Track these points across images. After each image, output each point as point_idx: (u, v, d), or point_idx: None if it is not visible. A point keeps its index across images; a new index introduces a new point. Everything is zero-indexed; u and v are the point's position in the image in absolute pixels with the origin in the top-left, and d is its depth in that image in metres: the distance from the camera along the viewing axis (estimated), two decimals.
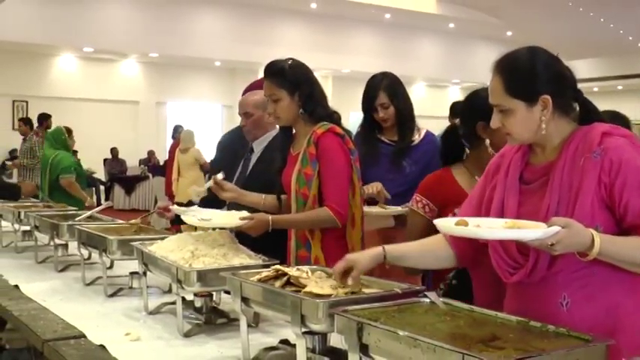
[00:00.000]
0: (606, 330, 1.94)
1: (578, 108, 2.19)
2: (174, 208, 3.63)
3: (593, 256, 1.91)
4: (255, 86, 3.98)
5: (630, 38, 19.70)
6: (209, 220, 3.08)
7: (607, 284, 2.05)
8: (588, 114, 2.18)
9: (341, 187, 3.10)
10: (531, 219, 2.00)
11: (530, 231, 1.89)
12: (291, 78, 3.16)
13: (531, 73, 2.11)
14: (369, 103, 3.86)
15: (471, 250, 2.27)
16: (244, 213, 3.12)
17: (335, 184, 3.09)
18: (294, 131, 3.34)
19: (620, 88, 23.48)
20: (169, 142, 13.83)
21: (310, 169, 3.12)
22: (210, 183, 3.32)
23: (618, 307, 2.04)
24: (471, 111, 2.88)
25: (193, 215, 3.17)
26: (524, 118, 2.11)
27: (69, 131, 8.08)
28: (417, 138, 3.86)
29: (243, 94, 4.03)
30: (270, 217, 3.07)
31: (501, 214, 2.17)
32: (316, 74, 3.37)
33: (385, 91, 3.81)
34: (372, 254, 2.24)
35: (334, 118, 3.21)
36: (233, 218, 3.08)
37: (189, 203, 4.06)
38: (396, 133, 3.89)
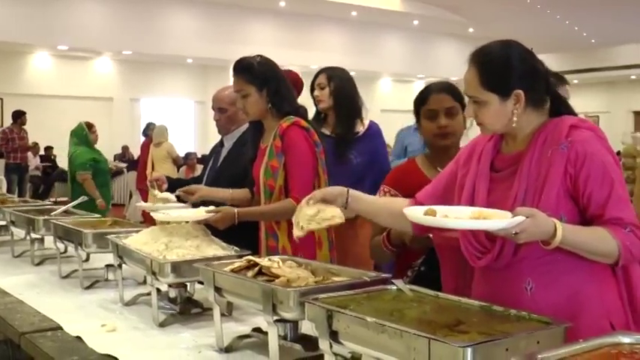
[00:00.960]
0: (568, 314, 2.00)
1: (549, 100, 2.25)
2: (140, 204, 3.69)
3: (555, 245, 1.97)
4: None
5: (585, 35, 20.21)
6: (178, 214, 3.13)
7: (569, 271, 2.12)
8: (559, 106, 2.25)
9: (305, 179, 3.17)
10: (500, 206, 2.06)
11: (496, 221, 1.95)
12: (259, 74, 3.23)
13: (506, 68, 2.16)
14: (311, 87, 3.95)
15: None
16: (211, 207, 3.19)
17: (300, 176, 3.16)
18: (264, 126, 3.39)
19: (575, 82, 23.89)
20: (142, 138, 13.82)
21: (276, 161, 3.19)
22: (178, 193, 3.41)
23: (579, 293, 2.12)
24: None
25: (162, 212, 3.23)
26: (497, 111, 2.17)
27: (90, 126, 8.04)
28: (361, 129, 3.88)
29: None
30: (235, 210, 3.13)
31: (472, 200, 2.24)
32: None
33: (325, 73, 3.92)
34: (337, 189, 2.37)
35: (300, 112, 3.27)
36: (201, 211, 3.14)
37: None
38: (337, 125, 3.94)
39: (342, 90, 3.86)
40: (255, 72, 3.23)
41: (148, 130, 13.42)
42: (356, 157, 3.78)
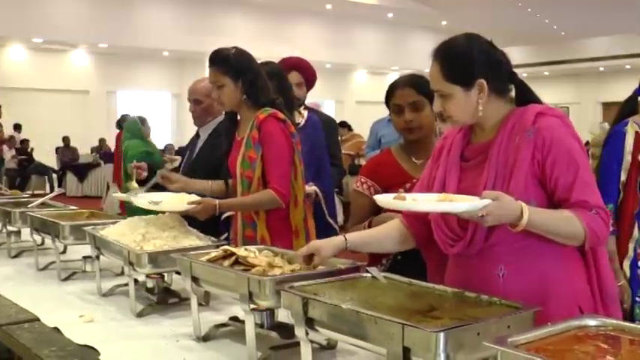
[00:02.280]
0: (538, 298, 2.05)
1: (514, 90, 2.30)
2: (117, 195, 3.70)
3: (522, 227, 2.01)
4: None
5: (554, 27, 20.48)
6: (159, 203, 3.14)
7: (539, 257, 2.16)
8: (524, 95, 2.29)
9: (283, 170, 3.19)
10: (470, 193, 2.09)
11: (461, 203, 1.99)
12: (234, 65, 3.24)
13: (467, 59, 2.20)
14: None
15: (426, 229, 2.36)
16: (194, 196, 3.20)
17: (277, 167, 3.18)
18: (239, 117, 3.40)
19: (546, 73, 24.31)
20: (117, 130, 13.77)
21: (254, 152, 3.20)
22: (157, 179, 3.40)
23: (549, 278, 2.16)
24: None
25: (142, 197, 3.23)
26: (462, 102, 2.21)
27: (142, 120, 8.09)
28: (301, 121, 3.88)
29: None
30: (217, 201, 3.15)
31: (443, 189, 2.27)
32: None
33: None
34: (335, 243, 2.31)
35: (276, 104, 3.28)
36: (182, 202, 3.15)
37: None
38: None
39: (278, 87, 3.79)
40: (230, 63, 3.24)
41: (122, 123, 13.36)
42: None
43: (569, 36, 21.99)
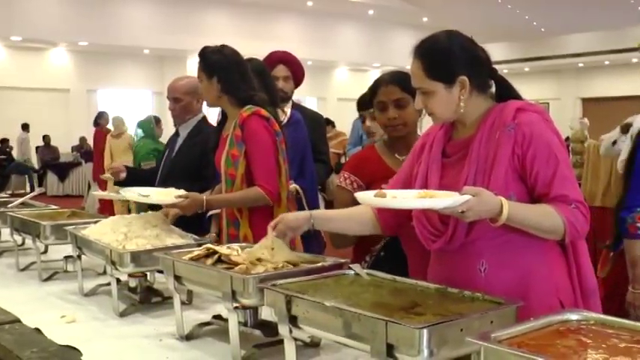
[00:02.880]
0: (520, 293, 2.07)
1: (494, 86, 2.31)
2: (97, 193, 3.67)
3: (502, 222, 2.02)
4: None
5: (535, 24, 20.68)
6: (147, 196, 3.12)
7: (520, 251, 2.18)
8: (504, 91, 2.31)
9: (269, 167, 3.19)
10: (452, 189, 2.09)
11: (441, 200, 1.99)
12: (208, 62, 3.27)
13: (448, 56, 2.21)
14: None
15: (394, 219, 2.40)
16: (182, 191, 3.20)
17: (263, 165, 3.18)
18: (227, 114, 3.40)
19: (526, 69, 24.50)
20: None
21: (236, 150, 3.20)
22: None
23: (530, 272, 2.17)
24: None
25: (131, 191, 3.22)
26: (444, 99, 2.22)
27: (157, 120, 8.11)
28: (284, 119, 3.84)
29: None
30: (204, 196, 3.15)
31: (425, 186, 2.28)
32: None
33: None
34: (301, 215, 2.37)
35: (254, 100, 3.27)
36: (169, 195, 3.14)
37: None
38: None
39: (261, 83, 3.77)
40: (204, 60, 3.27)
41: (100, 120, 13.33)
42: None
43: (550, 32, 22.15)
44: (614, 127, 6.33)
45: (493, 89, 2.31)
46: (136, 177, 3.91)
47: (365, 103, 3.39)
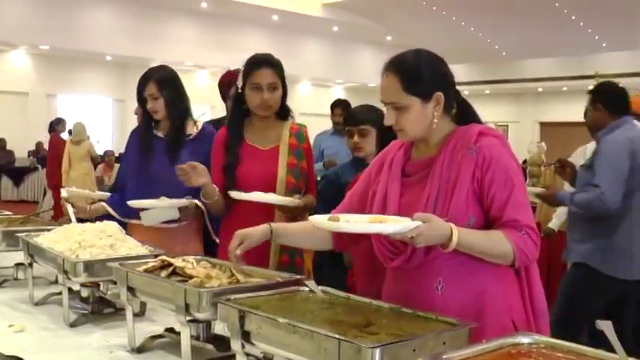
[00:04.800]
0: (474, 311, 2.11)
1: (455, 108, 2.34)
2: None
3: (451, 248, 2.06)
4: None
5: (496, 47, 21.04)
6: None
7: (476, 271, 2.20)
8: (466, 114, 2.35)
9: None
10: (413, 208, 2.13)
11: (391, 225, 2.01)
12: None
13: (427, 72, 2.24)
14: (139, 94, 3.75)
15: (349, 237, 2.40)
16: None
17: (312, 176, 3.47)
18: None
19: (487, 92, 24.86)
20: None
21: (303, 161, 3.39)
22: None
23: (484, 292, 2.20)
24: None
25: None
26: (418, 114, 2.24)
27: None
28: (194, 132, 3.77)
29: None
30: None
31: (384, 204, 2.30)
32: (206, 71, 3.45)
33: (155, 83, 3.69)
34: (262, 229, 2.35)
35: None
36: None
37: None
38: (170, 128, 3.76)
39: (174, 101, 3.69)
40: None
41: (57, 126, 13.18)
42: (188, 159, 3.45)
43: (511, 56, 22.44)
44: (570, 151, 6.43)
45: (454, 111, 2.34)
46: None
47: (354, 119, 3.57)
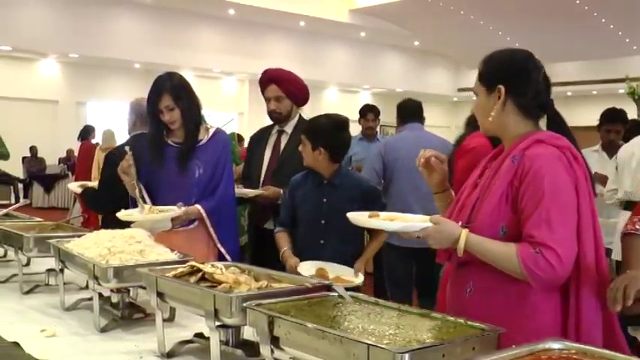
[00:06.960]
0: (499, 319, 2.08)
1: (543, 115, 2.33)
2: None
3: (459, 252, 2.11)
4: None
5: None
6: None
7: (506, 280, 2.17)
8: (556, 126, 2.32)
9: None
10: (462, 210, 2.22)
11: (391, 223, 2.17)
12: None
13: (497, 64, 2.30)
14: (153, 105, 3.66)
15: None
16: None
17: None
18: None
19: None
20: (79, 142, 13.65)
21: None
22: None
23: (516, 300, 2.18)
24: None
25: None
26: (483, 104, 2.31)
27: (240, 139, 8.03)
28: (205, 137, 3.72)
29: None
30: None
31: (456, 200, 2.38)
32: (233, 78, 3.44)
33: (170, 94, 3.61)
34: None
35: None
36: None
37: None
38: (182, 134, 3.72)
39: (190, 110, 3.65)
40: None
41: (86, 134, 13.28)
42: (199, 168, 3.57)
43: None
44: None
45: (538, 117, 2.33)
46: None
47: None
